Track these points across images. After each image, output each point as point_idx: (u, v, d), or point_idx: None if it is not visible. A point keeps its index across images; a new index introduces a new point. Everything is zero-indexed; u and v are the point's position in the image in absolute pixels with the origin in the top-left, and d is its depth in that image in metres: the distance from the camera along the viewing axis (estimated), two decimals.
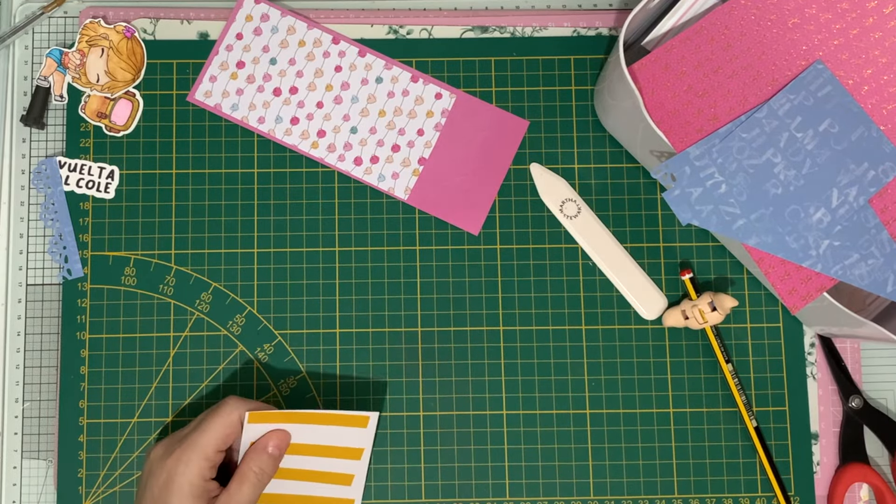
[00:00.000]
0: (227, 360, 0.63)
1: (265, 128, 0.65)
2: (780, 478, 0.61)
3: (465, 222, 0.64)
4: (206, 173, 0.65)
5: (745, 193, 0.57)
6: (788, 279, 0.58)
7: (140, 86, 0.65)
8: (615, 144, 0.65)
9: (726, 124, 0.58)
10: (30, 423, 0.63)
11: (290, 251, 0.64)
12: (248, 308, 0.64)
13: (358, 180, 0.65)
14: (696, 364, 0.63)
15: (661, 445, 0.63)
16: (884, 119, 0.58)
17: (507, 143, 0.65)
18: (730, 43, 0.59)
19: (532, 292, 0.64)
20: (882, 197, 0.58)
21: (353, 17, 0.66)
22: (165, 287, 0.64)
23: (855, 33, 0.59)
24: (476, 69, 0.66)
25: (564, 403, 0.63)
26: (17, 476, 0.63)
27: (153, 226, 0.64)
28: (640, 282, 0.64)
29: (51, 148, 0.65)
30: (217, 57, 0.65)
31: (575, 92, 0.66)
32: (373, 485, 0.62)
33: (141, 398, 0.63)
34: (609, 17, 0.66)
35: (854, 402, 0.62)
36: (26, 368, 0.63)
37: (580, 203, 0.64)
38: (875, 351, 0.64)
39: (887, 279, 0.57)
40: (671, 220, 0.65)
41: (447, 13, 0.67)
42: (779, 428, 0.63)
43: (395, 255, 0.64)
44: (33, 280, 0.64)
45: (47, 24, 0.67)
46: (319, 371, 0.63)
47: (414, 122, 0.65)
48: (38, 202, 0.65)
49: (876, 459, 0.63)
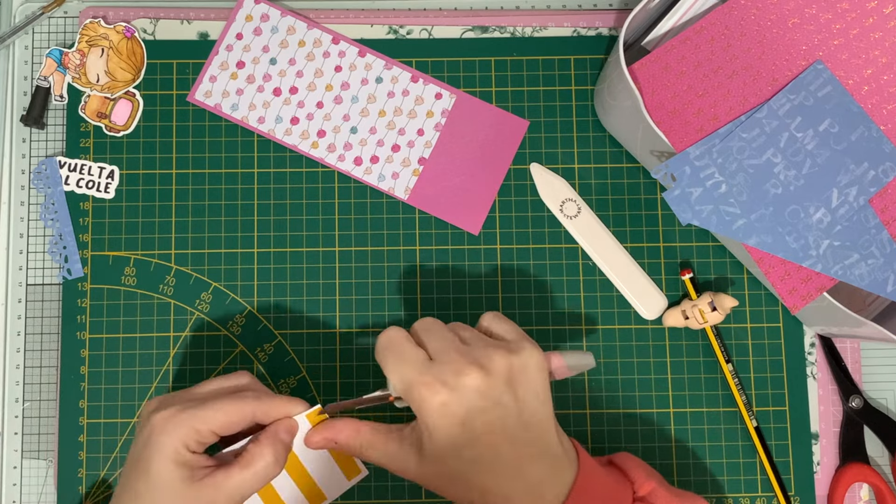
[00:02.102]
0: (227, 360, 0.63)
1: (265, 128, 0.65)
2: (780, 478, 0.61)
3: (465, 222, 0.64)
4: (206, 173, 0.65)
5: (745, 193, 0.57)
6: (788, 279, 0.58)
7: (140, 86, 0.65)
8: (615, 144, 0.65)
9: (726, 124, 0.58)
10: (30, 423, 0.63)
11: (290, 251, 0.64)
12: (248, 308, 0.64)
13: (358, 180, 0.65)
14: (696, 364, 0.63)
15: (661, 445, 0.63)
16: (884, 119, 0.59)
17: (507, 143, 0.65)
18: (730, 43, 0.59)
19: (532, 292, 0.64)
20: (882, 197, 0.58)
21: (353, 17, 0.66)
22: (165, 287, 0.64)
23: (855, 33, 0.59)
24: (476, 69, 0.66)
25: (565, 403, 0.63)
26: (17, 476, 0.63)
27: (153, 226, 0.64)
28: (640, 282, 0.64)
29: (51, 148, 0.65)
30: (217, 57, 0.65)
31: (575, 92, 0.66)
32: (373, 485, 0.62)
33: (141, 398, 0.63)
34: (609, 17, 0.66)
35: (854, 402, 0.62)
36: (26, 368, 0.63)
37: (580, 203, 0.64)
38: (875, 351, 0.64)
39: (887, 279, 0.57)
40: (671, 220, 0.65)
41: (447, 13, 0.67)
42: (779, 428, 0.63)
43: (395, 255, 0.64)
44: (33, 280, 0.64)
45: (47, 24, 0.67)
46: (319, 371, 0.63)
47: (414, 122, 0.65)
48: (38, 202, 0.65)
49: (876, 459, 0.63)
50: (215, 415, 0.49)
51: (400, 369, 0.50)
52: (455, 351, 0.50)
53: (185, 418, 0.49)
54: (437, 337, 0.51)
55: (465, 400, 0.48)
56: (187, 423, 0.49)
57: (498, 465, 0.49)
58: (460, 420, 0.48)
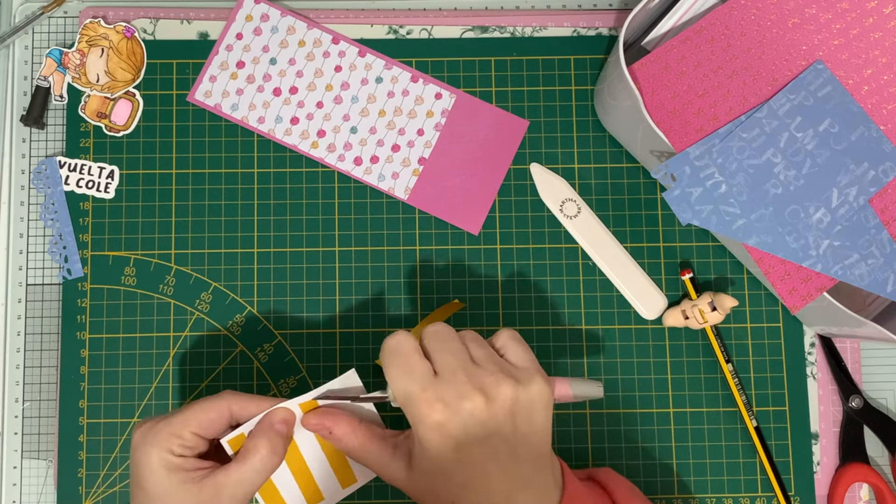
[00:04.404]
0: (227, 360, 0.63)
1: (265, 128, 0.65)
2: (780, 478, 0.61)
3: (465, 222, 0.64)
4: (206, 173, 0.65)
5: (745, 193, 0.57)
6: (788, 279, 0.58)
7: (140, 86, 0.65)
8: (615, 144, 0.65)
9: (726, 124, 0.58)
10: (30, 423, 0.63)
11: (290, 251, 0.64)
12: (248, 308, 0.64)
13: (358, 180, 0.65)
14: (696, 364, 0.63)
15: (661, 445, 0.63)
16: (884, 119, 0.58)
17: (507, 143, 0.65)
18: (730, 43, 0.59)
19: (532, 292, 0.64)
20: (882, 197, 0.58)
21: (353, 17, 0.66)
22: (165, 287, 0.64)
23: (855, 33, 0.59)
24: (476, 69, 0.66)
25: (565, 403, 0.63)
26: (17, 476, 0.63)
27: (153, 226, 0.64)
28: (640, 282, 0.64)
29: (51, 148, 0.65)
30: (217, 57, 0.65)
31: (575, 92, 0.66)
32: (373, 485, 0.62)
33: (141, 398, 0.63)
34: (609, 17, 0.66)
35: (854, 402, 0.62)
36: (26, 368, 0.63)
37: (580, 203, 0.64)
38: (875, 351, 0.64)
39: (887, 279, 0.57)
40: (671, 220, 0.65)
41: (447, 13, 0.67)
42: (779, 428, 0.63)
43: (395, 255, 0.64)
44: (33, 280, 0.64)
45: (47, 24, 0.67)
46: (319, 371, 0.63)
47: (414, 122, 0.65)
48: (38, 202, 0.65)
49: (876, 459, 0.63)
50: (190, 415, 0.50)
51: (403, 380, 0.49)
52: (462, 371, 0.48)
53: (161, 426, 0.49)
54: (447, 350, 0.49)
55: (463, 424, 0.47)
56: (164, 430, 0.49)
57: (486, 492, 0.48)
58: (455, 443, 0.47)
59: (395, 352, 0.50)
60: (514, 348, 0.51)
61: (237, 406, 0.51)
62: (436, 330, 0.51)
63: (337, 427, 0.52)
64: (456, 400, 0.47)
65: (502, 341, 0.51)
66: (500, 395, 0.48)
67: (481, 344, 0.51)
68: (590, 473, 0.55)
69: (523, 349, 0.51)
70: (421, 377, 0.48)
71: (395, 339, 0.50)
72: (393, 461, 0.51)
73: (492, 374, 0.48)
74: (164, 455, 0.49)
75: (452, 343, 0.50)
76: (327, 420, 0.52)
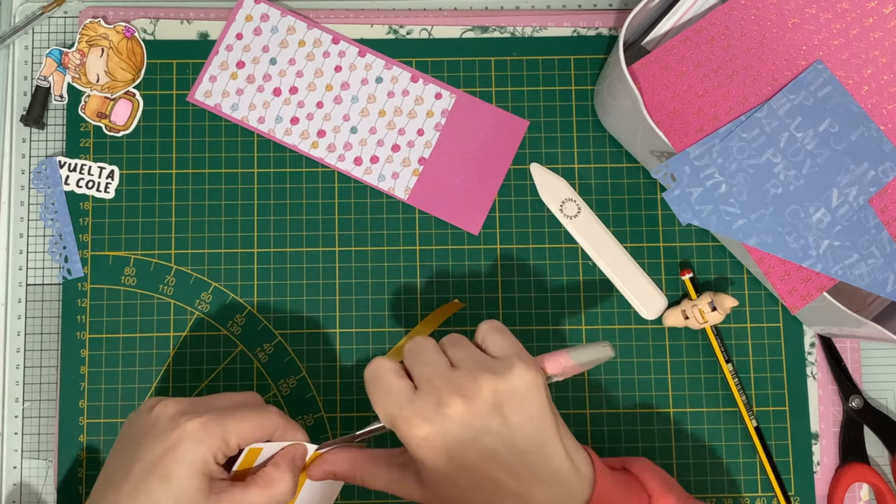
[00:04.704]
0: (227, 360, 0.63)
1: (265, 128, 0.65)
2: (780, 478, 0.61)
3: (465, 222, 0.64)
4: (206, 173, 0.65)
5: (745, 193, 0.57)
6: (788, 279, 0.58)
7: (140, 86, 0.65)
8: (615, 144, 0.65)
9: (726, 124, 0.58)
10: (30, 423, 0.63)
11: (290, 251, 0.64)
12: (248, 308, 0.64)
13: (358, 180, 0.65)
14: (696, 364, 0.63)
15: (661, 445, 0.63)
16: (884, 119, 0.59)
17: (507, 143, 0.65)
18: (730, 43, 0.59)
19: (532, 292, 0.64)
20: (882, 197, 0.58)
21: (353, 17, 0.66)
22: (165, 287, 0.64)
23: (855, 33, 0.59)
24: (476, 69, 0.66)
25: (565, 403, 0.63)
26: (17, 476, 0.63)
27: (153, 226, 0.64)
28: (640, 282, 0.64)
29: (51, 148, 0.65)
30: (217, 57, 0.65)
31: (575, 92, 0.66)
32: None
33: (141, 398, 0.63)
34: (609, 17, 0.66)
35: (854, 402, 0.62)
36: (26, 368, 0.63)
37: (580, 203, 0.64)
38: (875, 351, 0.64)
39: (887, 279, 0.57)
40: (671, 220, 0.65)
41: (447, 13, 0.67)
42: (779, 428, 0.63)
43: (395, 255, 0.64)
44: (33, 280, 0.64)
45: (47, 24, 0.67)
46: (319, 371, 0.63)
47: (414, 122, 0.65)
48: (38, 202, 0.65)
49: (876, 459, 0.63)
50: (245, 426, 0.48)
51: (383, 403, 0.48)
52: (439, 378, 0.47)
53: (218, 428, 0.48)
54: (424, 362, 0.48)
55: (447, 432, 0.46)
56: (219, 433, 0.48)
57: (499, 492, 0.47)
58: (446, 453, 0.46)
59: (373, 378, 0.49)
60: (493, 338, 0.50)
61: (280, 431, 0.50)
62: (412, 344, 0.50)
63: (337, 467, 0.51)
64: (434, 410, 0.46)
65: (482, 334, 0.50)
66: (479, 393, 0.46)
67: (462, 345, 0.50)
68: (623, 463, 0.53)
69: (502, 337, 0.50)
70: (398, 396, 0.47)
71: (372, 366, 0.49)
72: (404, 480, 0.50)
73: (469, 374, 0.47)
74: (208, 458, 0.47)
75: (429, 354, 0.49)
76: (326, 465, 0.52)
